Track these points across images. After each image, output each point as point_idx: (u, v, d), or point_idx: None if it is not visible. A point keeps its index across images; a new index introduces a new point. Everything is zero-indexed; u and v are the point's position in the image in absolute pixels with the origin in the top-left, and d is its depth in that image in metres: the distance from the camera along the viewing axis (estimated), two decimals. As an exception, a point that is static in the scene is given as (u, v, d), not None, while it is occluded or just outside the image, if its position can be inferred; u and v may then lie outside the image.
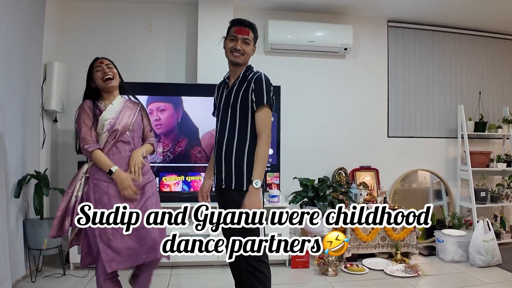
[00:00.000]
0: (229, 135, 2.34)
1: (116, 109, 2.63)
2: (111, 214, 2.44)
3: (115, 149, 2.56)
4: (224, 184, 2.35)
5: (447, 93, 5.31)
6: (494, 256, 4.05)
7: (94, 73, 2.68)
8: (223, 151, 2.34)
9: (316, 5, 4.65)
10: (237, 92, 2.35)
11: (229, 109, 2.35)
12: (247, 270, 2.31)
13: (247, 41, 2.36)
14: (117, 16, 4.52)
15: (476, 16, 4.99)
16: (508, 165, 5.17)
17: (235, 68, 2.40)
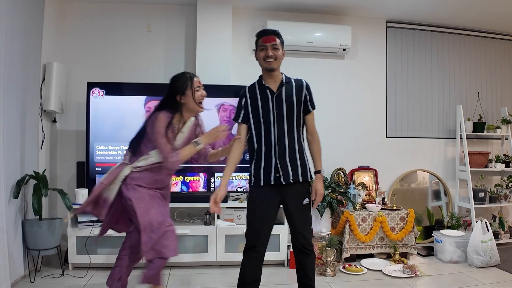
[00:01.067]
0: (289, 135, 2.62)
1: (184, 137, 2.79)
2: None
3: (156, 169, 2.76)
4: (292, 179, 2.60)
5: (445, 94, 5.32)
6: (492, 256, 4.05)
7: (193, 91, 2.74)
8: (287, 150, 2.61)
9: (315, 5, 4.66)
10: (288, 96, 2.63)
11: (284, 112, 2.61)
12: (309, 250, 2.68)
13: (275, 47, 2.60)
14: (116, 16, 4.53)
15: (475, 17, 4.99)
16: (506, 165, 5.17)
17: (271, 73, 2.63)
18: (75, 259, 3.78)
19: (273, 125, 2.61)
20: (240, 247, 3.90)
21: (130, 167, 2.73)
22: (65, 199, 3.60)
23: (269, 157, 2.62)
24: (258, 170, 2.64)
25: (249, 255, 2.65)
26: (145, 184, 2.73)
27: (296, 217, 2.64)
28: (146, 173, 2.73)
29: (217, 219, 3.97)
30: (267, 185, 2.62)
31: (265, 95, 2.63)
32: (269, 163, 2.62)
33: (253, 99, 2.66)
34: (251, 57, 4.70)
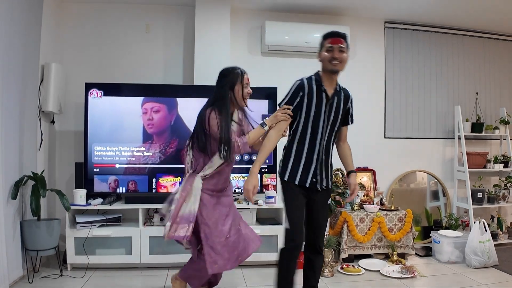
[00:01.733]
0: (327, 143, 2.69)
1: (235, 117, 2.85)
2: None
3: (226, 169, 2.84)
4: (325, 186, 2.71)
5: (444, 94, 5.32)
6: (490, 257, 4.06)
7: (242, 87, 2.78)
8: (324, 156, 2.69)
9: (313, 6, 4.66)
10: (337, 106, 2.68)
11: (331, 119, 2.67)
12: (322, 251, 2.80)
13: (342, 49, 2.59)
14: (115, 17, 4.53)
15: (473, 17, 5.00)
16: (505, 166, 5.17)
17: (332, 76, 2.65)
18: (73, 260, 3.78)
19: (321, 131, 2.64)
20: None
21: (200, 176, 2.76)
22: (63, 200, 3.61)
23: (310, 160, 2.65)
24: (296, 168, 2.66)
25: (294, 254, 2.65)
26: (211, 191, 2.78)
27: (319, 218, 2.74)
28: (212, 178, 2.79)
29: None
30: (301, 186, 2.66)
31: (320, 98, 2.63)
32: (308, 166, 2.66)
33: (310, 98, 2.63)
34: (249, 58, 4.75)
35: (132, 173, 4.03)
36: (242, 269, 3.93)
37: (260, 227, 4.01)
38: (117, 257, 3.80)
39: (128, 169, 4.03)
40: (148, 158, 4.03)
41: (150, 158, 4.03)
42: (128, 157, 4.02)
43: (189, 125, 4.06)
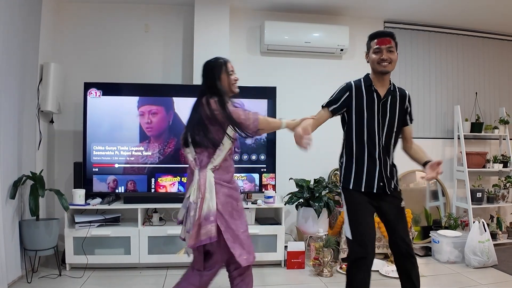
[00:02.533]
0: (387, 144, 2.60)
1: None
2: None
3: (230, 158, 2.67)
4: (393, 188, 2.61)
5: (443, 94, 5.32)
6: (489, 257, 4.06)
7: (226, 75, 2.70)
8: (388, 159, 2.62)
9: (312, 6, 4.66)
10: (392, 106, 2.59)
11: (387, 120, 2.57)
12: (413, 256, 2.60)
13: (391, 49, 2.53)
14: (114, 17, 4.53)
15: (473, 17, 5.00)
16: (504, 165, 5.18)
17: (382, 77, 2.58)
18: (72, 260, 3.78)
19: (377, 131, 2.55)
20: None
21: (210, 169, 2.56)
22: (62, 199, 3.60)
23: (373, 164, 2.55)
24: (360, 175, 2.56)
25: (360, 265, 2.51)
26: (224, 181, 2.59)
27: (397, 223, 2.58)
28: (221, 169, 2.60)
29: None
30: (368, 192, 2.56)
31: (371, 99, 2.56)
32: (372, 171, 2.55)
33: (359, 99, 2.57)
34: (248, 57, 4.75)
35: (131, 173, 4.03)
36: (241, 269, 3.93)
37: (259, 227, 4.01)
38: (116, 257, 3.80)
39: (127, 169, 4.03)
40: (147, 158, 4.03)
41: (149, 158, 4.03)
42: (127, 157, 4.02)
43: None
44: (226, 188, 2.58)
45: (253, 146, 4.20)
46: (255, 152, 4.21)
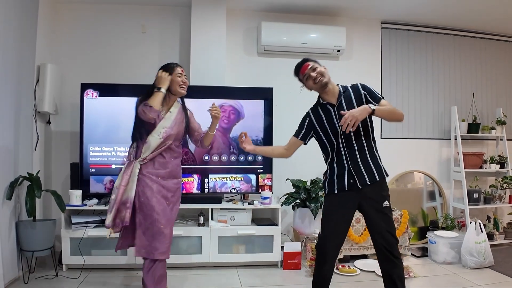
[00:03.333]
0: (357, 141, 2.67)
1: (172, 117, 2.98)
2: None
3: (160, 156, 2.96)
4: (369, 181, 2.64)
5: (440, 94, 5.33)
6: (486, 257, 4.06)
7: (173, 77, 2.96)
8: (358, 156, 2.67)
9: (309, 6, 4.66)
10: (349, 104, 2.69)
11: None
12: (395, 257, 2.62)
13: (313, 67, 2.77)
14: (110, 17, 4.53)
15: (470, 18, 5.00)
16: (501, 166, 5.18)
17: (325, 90, 2.73)
18: (69, 260, 3.78)
19: (340, 135, 2.67)
20: (234, 248, 3.94)
21: (139, 160, 2.90)
22: (59, 200, 3.61)
23: (342, 165, 2.69)
24: (332, 178, 2.74)
25: (319, 260, 2.72)
26: (152, 175, 2.91)
27: (378, 221, 2.65)
28: (153, 162, 2.93)
29: (210, 220, 3.97)
30: (342, 191, 2.68)
31: (327, 110, 2.74)
32: (342, 171, 2.69)
33: (318, 117, 2.78)
34: (245, 58, 4.75)
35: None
36: (238, 269, 3.94)
37: (255, 228, 4.01)
38: (112, 258, 3.79)
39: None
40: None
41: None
42: (123, 157, 4.01)
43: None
44: (156, 184, 2.90)
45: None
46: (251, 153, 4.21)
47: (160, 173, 2.93)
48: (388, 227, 2.64)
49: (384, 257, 2.63)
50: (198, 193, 4.12)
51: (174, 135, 2.96)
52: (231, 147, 4.17)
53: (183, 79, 3.00)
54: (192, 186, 4.11)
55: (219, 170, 4.17)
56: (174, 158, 3.02)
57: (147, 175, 2.88)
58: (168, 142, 2.94)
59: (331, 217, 2.70)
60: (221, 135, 4.15)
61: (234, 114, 4.18)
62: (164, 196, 2.93)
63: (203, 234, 3.90)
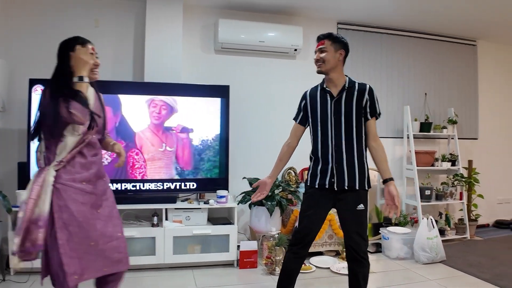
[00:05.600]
0: (347, 141, 2.61)
1: (90, 92, 2.34)
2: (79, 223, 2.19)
3: (80, 155, 2.28)
4: (347, 186, 2.59)
5: (394, 94, 5.45)
6: (438, 252, 4.18)
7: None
8: (344, 156, 2.60)
9: (267, 5, 4.66)
10: (348, 102, 2.62)
11: (343, 117, 2.61)
12: (362, 258, 2.62)
13: (323, 50, 2.61)
14: (62, 11, 4.35)
15: (423, 20, 5.14)
16: (452, 164, 5.36)
17: (328, 77, 2.66)
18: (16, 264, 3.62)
19: (330, 130, 2.63)
20: (189, 248, 3.88)
21: (53, 165, 2.20)
22: (5, 201, 3.44)
23: (327, 161, 2.65)
24: (315, 172, 2.70)
25: (288, 253, 2.75)
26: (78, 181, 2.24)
27: (349, 222, 2.64)
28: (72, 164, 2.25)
29: (165, 221, 3.90)
30: (322, 188, 2.66)
31: (324, 99, 2.67)
32: (326, 167, 2.65)
33: (313, 102, 2.72)
34: (202, 55, 4.70)
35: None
36: (193, 270, 3.89)
37: (211, 227, 3.97)
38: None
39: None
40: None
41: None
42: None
43: (136, 122, 4.01)
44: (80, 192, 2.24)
45: (206, 145, 4.16)
46: (207, 151, 4.17)
47: (84, 176, 2.26)
48: (359, 229, 2.63)
49: (352, 256, 2.65)
50: (152, 192, 4.04)
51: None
52: (163, 145, 4.08)
53: (96, 60, 2.39)
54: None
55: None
56: (95, 155, 2.36)
57: (68, 184, 2.19)
58: (88, 137, 2.29)
59: (304, 213, 2.72)
60: (152, 134, 4.06)
61: (166, 110, 4.08)
62: (95, 205, 2.29)
63: (157, 234, 3.82)
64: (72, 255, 2.15)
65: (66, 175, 2.21)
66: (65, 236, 2.15)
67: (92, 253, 2.23)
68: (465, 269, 3.98)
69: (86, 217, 2.22)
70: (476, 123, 5.89)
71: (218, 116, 4.20)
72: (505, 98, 6.14)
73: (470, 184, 5.36)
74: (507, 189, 6.12)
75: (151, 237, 3.81)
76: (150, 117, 4.04)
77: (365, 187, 2.65)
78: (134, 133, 4.00)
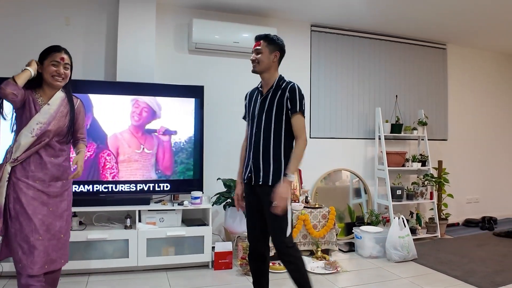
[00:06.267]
0: (264, 137, 2.67)
1: (51, 111, 2.52)
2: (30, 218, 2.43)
3: (37, 156, 2.49)
4: (262, 181, 2.64)
5: (365, 96, 5.53)
6: (409, 251, 4.24)
7: (46, 64, 2.53)
8: (261, 151, 2.67)
9: (241, 6, 4.65)
10: (271, 100, 2.68)
11: (264, 114, 2.68)
12: (285, 255, 2.62)
13: (258, 51, 2.71)
14: (32, 8, 4.20)
15: (394, 24, 5.25)
16: (422, 164, 5.46)
17: (262, 76, 2.76)
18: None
19: (255, 126, 2.72)
20: (163, 250, 3.83)
21: (9, 162, 2.44)
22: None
23: (249, 156, 2.75)
24: (243, 166, 2.83)
25: (250, 257, 2.85)
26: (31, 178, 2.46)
27: (268, 219, 2.66)
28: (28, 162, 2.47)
29: (138, 223, 3.83)
30: (247, 183, 2.75)
31: (256, 98, 2.80)
32: (248, 162, 2.76)
33: (250, 100, 2.86)
34: (176, 55, 4.65)
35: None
36: (167, 272, 3.83)
37: (186, 229, 3.93)
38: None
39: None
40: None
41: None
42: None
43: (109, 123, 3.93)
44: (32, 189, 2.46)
45: (179, 146, 4.12)
46: (181, 151, 4.13)
47: (37, 176, 2.47)
48: (273, 228, 2.64)
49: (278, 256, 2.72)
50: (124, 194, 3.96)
51: (52, 131, 2.50)
52: (141, 146, 4.03)
53: (60, 69, 2.52)
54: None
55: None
56: (55, 157, 2.55)
57: (22, 179, 2.43)
58: (45, 140, 2.48)
59: (246, 212, 2.84)
60: (131, 135, 4.01)
61: (147, 113, 4.03)
62: (44, 203, 2.48)
63: (130, 237, 3.74)
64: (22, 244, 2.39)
65: (20, 172, 2.44)
66: (17, 226, 2.41)
67: (41, 247, 2.43)
68: (436, 266, 4.06)
69: (35, 211, 2.43)
70: (445, 125, 6.03)
71: (192, 117, 4.17)
72: (473, 100, 6.33)
73: (440, 184, 5.47)
74: (475, 188, 6.29)
75: (124, 239, 3.73)
76: (130, 118, 3.98)
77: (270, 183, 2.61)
78: (106, 134, 3.92)
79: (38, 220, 2.43)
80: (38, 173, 2.47)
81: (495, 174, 6.48)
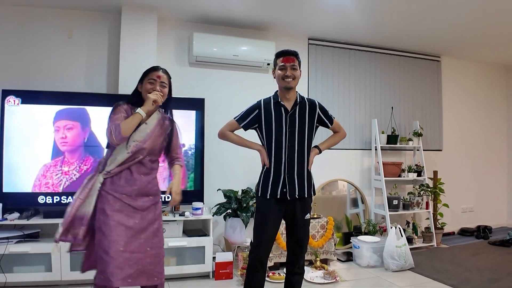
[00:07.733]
0: (299, 152, 2.76)
1: (148, 130, 2.59)
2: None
3: (128, 172, 2.54)
4: (298, 195, 2.75)
5: (362, 108, 5.61)
6: (406, 260, 4.31)
7: (144, 82, 2.63)
8: (296, 166, 2.76)
9: (240, 20, 4.75)
10: (301, 115, 2.80)
11: (296, 130, 2.77)
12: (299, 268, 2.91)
13: (294, 67, 2.79)
14: (36, 21, 4.23)
15: (390, 37, 5.35)
16: (418, 174, 5.55)
17: (287, 92, 2.79)
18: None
19: (284, 142, 2.75)
20: (165, 261, 3.85)
21: (102, 173, 2.52)
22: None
23: (279, 172, 2.76)
24: (267, 182, 2.80)
25: (253, 266, 2.80)
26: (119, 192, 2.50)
27: (300, 230, 2.82)
28: (119, 178, 2.52)
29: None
30: (273, 198, 2.76)
31: (279, 112, 2.79)
32: (277, 178, 2.76)
33: (267, 113, 2.82)
34: (177, 68, 4.72)
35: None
36: (169, 282, 3.86)
37: (187, 239, 3.98)
38: (36, 275, 3.58)
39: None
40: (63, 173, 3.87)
41: (64, 174, 3.87)
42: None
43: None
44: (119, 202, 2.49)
45: (181, 157, 4.18)
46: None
47: (125, 190, 2.51)
48: (303, 239, 2.85)
49: (291, 268, 2.88)
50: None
51: (147, 149, 2.56)
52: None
53: (155, 86, 2.59)
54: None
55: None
56: (145, 175, 2.59)
57: (110, 192, 2.48)
58: (139, 157, 2.54)
59: (263, 225, 2.78)
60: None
61: None
62: (129, 215, 2.49)
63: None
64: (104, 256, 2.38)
65: (110, 186, 2.50)
66: (99, 237, 2.43)
67: (120, 259, 2.39)
68: (433, 276, 4.13)
69: (118, 223, 2.44)
70: (440, 135, 6.14)
71: (193, 129, 4.24)
72: (467, 111, 6.44)
73: (435, 193, 5.56)
74: (470, 198, 6.39)
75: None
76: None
77: (312, 194, 2.88)
78: (103, 149, 3.95)
79: (121, 231, 2.43)
80: (126, 188, 2.51)
81: (489, 183, 6.59)
